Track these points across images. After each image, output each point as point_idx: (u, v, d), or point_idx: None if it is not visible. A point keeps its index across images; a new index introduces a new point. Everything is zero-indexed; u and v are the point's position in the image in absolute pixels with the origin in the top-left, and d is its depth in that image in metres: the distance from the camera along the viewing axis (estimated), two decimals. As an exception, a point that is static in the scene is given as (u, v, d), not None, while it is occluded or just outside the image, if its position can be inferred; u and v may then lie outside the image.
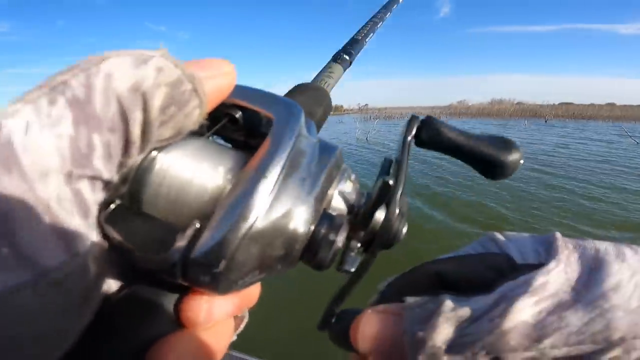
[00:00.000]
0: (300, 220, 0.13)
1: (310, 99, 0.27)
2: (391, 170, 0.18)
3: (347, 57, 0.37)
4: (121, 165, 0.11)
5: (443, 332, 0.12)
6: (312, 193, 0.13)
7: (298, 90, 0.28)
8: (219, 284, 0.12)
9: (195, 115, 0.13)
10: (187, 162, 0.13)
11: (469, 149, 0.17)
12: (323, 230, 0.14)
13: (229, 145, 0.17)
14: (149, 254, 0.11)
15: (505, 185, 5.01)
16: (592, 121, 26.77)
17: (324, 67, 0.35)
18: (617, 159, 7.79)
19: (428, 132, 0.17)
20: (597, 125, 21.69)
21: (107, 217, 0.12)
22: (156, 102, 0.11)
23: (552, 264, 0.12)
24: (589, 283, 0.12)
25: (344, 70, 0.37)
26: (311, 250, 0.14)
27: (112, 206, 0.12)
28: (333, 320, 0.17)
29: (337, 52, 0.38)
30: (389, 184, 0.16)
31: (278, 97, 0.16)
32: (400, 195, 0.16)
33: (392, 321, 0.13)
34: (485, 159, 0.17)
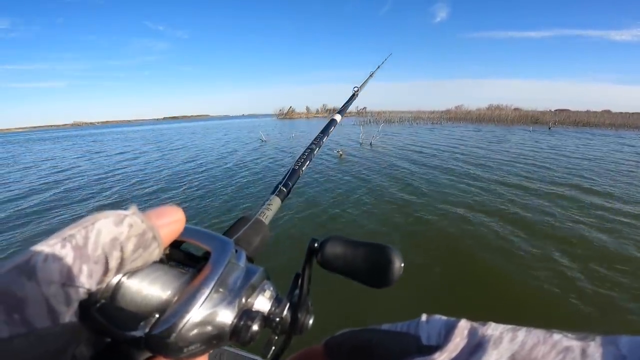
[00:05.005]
0: (224, 315, 0.20)
1: (250, 230, 0.35)
2: (299, 282, 0.25)
3: (284, 189, 0.47)
4: (102, 280, 0.18)
5: None
6: (235, 300, 0.21)
7: (240, 223, 0.36)
8: (170, 350, 0.18)
9: (156, 253, 0.20)
10: (145, 284, 0.20)
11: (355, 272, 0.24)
12: (242, 321, 0.21)
13: (182, 266, 0.23)
14: (123, 331, 0.18)
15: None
16: (597, 129, 26.27)
17: (264, 201, 0.44)
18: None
19: (324, 256, 0.25)
20: (617, 134, 21.15)
21: (97, 309, 0.18)
22: (129, 247, 0.18)
23: (437, 354, 0.17)
24: None
25: (282, 200, 0.46)
26: (235, 333, 0.21)
27: (100, 303, 0.18)
28: None
29: (276, 185, 0.47)
30: (284, 301, 0.24)
31: (216, 236, 0.24)
32: (305, 299, 0.24)
33: None
34: (370, 280, 0.24)
